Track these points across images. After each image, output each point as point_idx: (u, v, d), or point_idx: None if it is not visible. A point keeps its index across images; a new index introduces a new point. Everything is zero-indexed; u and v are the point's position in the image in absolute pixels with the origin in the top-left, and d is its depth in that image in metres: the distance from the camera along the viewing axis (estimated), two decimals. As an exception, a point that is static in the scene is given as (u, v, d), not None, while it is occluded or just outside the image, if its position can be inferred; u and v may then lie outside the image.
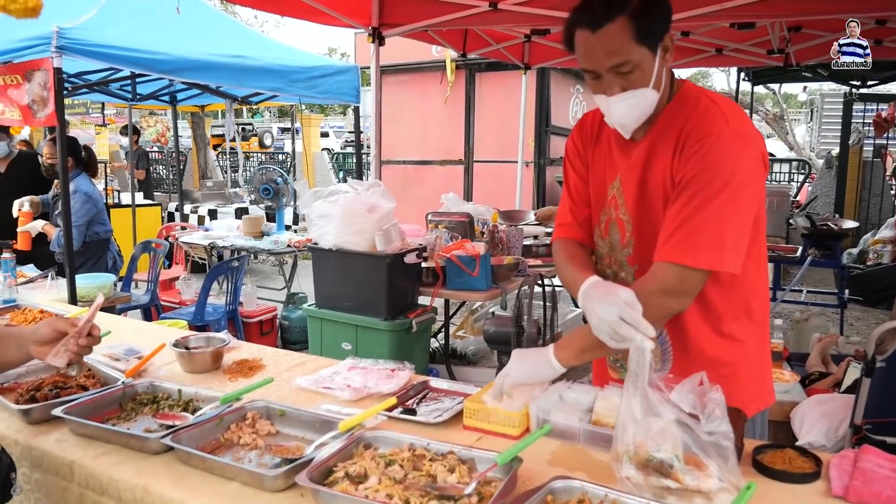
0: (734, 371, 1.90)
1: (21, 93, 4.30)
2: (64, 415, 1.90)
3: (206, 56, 4.96)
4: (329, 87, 5.84)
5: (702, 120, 1.73)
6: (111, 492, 1.72)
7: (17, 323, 2.93)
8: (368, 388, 2.16)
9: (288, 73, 5.49)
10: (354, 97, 6.15)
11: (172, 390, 2.12)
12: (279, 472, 1.59)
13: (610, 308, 1.60)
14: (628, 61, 1.68)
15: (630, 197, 1.87)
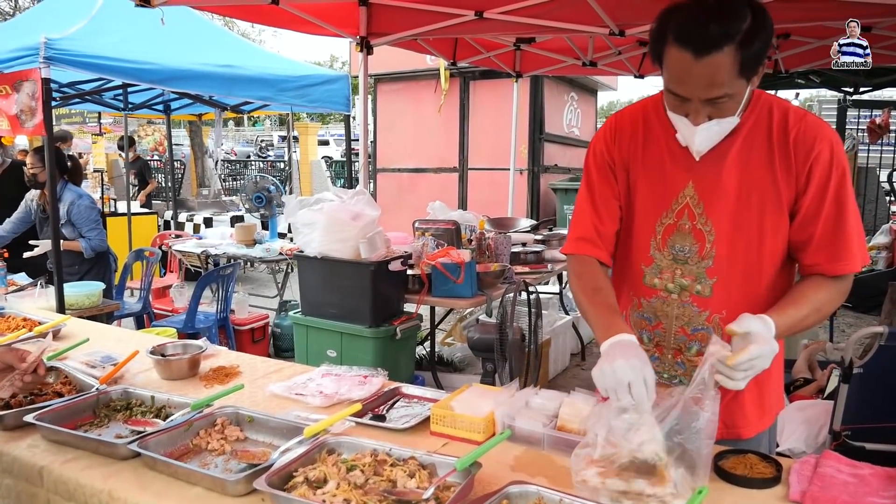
0: (769, 379, 1.87)
1: (10, 103, 4.35)
2: (35, 421, 1.93)
3: (195, 66, 5.01)
4: (320, 96, 5.89)
5: (802, 126, 1.70)
6: (78, 497, 1.74)
7: (0, 330, 2.96)
8: (340, 395, 2.18)
9: (277, 83, 5.54)
10: (345, 106, 6.20)
11: (146, 397, 2.15)
12: (240, 477, 1.61)
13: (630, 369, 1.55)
14: (728, 95, 1.59)
15: (713, 206, 1.77)
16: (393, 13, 4.79)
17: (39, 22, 5.43)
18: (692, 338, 1.85)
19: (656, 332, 1.90)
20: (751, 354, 1.52)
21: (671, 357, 1.90)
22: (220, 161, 15.82)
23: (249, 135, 37.67)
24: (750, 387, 1.63)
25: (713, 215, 1.77)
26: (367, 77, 5.16)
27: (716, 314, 1.81)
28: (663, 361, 1.91)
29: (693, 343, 1.85)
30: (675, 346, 1.88)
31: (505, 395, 2.00)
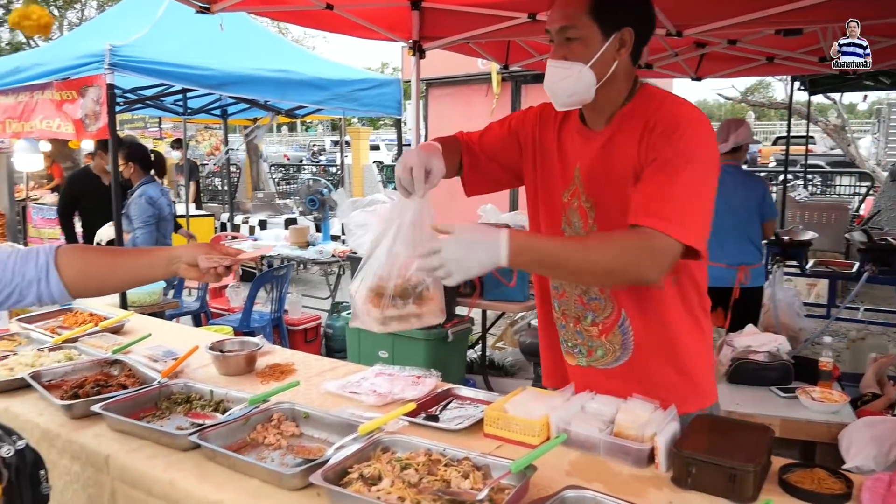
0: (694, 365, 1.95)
1: (75, 108, 4.52)
2: (102, 411, 1.99)
3: (250, 71, 5.12)
4: (371, 100, 5.95)
5: (671, 111, 1.78)
6: (141, 485, 1.80)
7: (69, 325, 3.08)
8: (393, 394, 2.19)
9: (330, 87, 5.62)
10: (396, 110, 6.25)
11: (205, 391, 2.20)
12: (297, 471, 1.63)
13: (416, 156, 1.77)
14: (574, 28, 1.76)
15: (590, 185, 1.90)
16: (445, 17, 4.79)
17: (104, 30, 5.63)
18: (587, 307, 1.97)
19: (562, 301, 2.04)
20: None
21: (572, 326, 2.02)
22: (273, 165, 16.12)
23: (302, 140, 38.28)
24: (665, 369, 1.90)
25: (589, 193, 1.90)
26: (420, 81, 5.18)
27: None
28: (567, 330, 2.05)
29: (588, 312, 1.97)
30: (574, 314, 2.01)
31: (560, 399, 1.98)
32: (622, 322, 1.93)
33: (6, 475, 1.58)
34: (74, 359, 2.55)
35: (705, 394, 2.00)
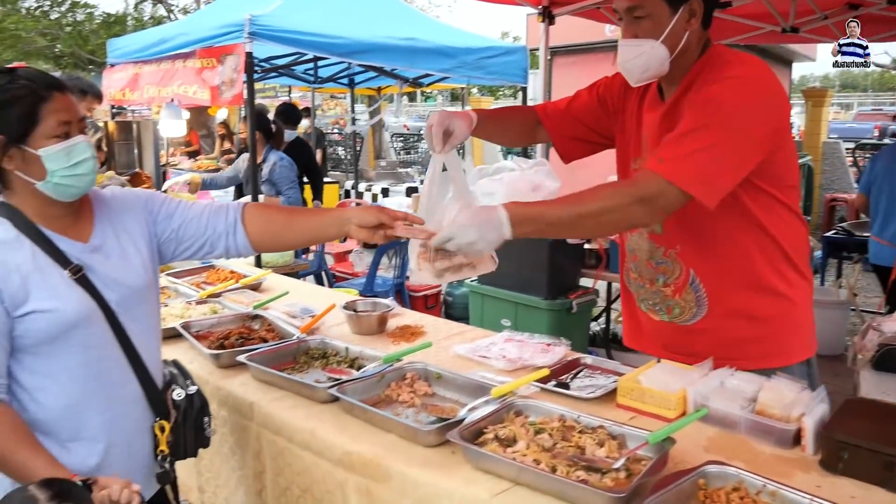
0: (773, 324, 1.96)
1: (213, 74, 4.73)
2: (247, 361, 2.11)
3: (380, 39, 5.18)
4: (497, 69, 5.89)
5: (715, 66, 1.82)
6: (284, 432, 1.89)
7: (212, 281, 3.27)
8: (523, 360, 2.19)
9: (457, 55, 5.60)
10: (522, 78, 6.16)
11: (340, 348, 2.28)
12: (433, 429, 1.67)
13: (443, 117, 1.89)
14: (641, 7, 1.78)
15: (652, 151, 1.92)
16: (577, -19, 4.68)
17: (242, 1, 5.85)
18: (657, 270, 2.04)
19: (636, 264, 2.12)
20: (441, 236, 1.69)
21: (648, 286, 2.08)
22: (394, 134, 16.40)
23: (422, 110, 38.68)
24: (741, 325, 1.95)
25: None
26: (549, 48, 5.09)
27: (671, 249, 1.99)
28: (645, 290, 2.10)
29: (658, 275, 2.04)
30: (648, 277, 2.08)
31: (697, 373, 1.91)
32: (692, 281, 1.98)
33: (174, 415, 1.71)
34: (218, 312, 2.71)
35: (791, 350, 1.99)
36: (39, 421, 1.55)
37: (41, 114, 1.50)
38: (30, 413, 1.54)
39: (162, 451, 1.69)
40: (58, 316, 1.52)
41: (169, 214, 1.80)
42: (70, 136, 1.53)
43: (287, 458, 1.90)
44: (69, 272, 1.56)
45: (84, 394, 1.58)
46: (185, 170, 9.50)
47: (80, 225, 1.64)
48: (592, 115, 2.15)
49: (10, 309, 1.49)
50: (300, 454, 1.85)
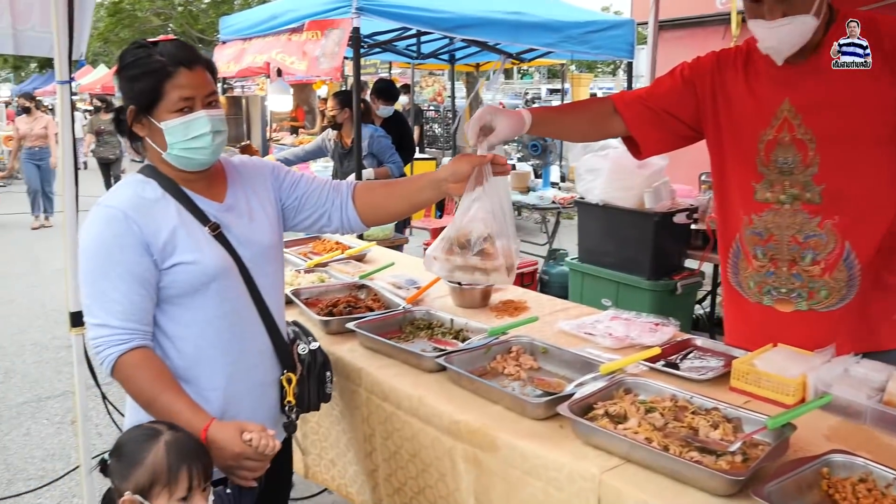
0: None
1: (315, 46, 4.80)
2: (356, 328, 2.17)
3: (485, 13, 5.14)
4: (603, 43, 5.74)
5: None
6: (392, 398, 1.94)
7: (318, 251, 3.37)
8: (631, 339, 2.15)
9: (562, 29, 5.49)
10: (628, 52, 5.98)
11: (445, 319, 2.30)
12: (541, 402, 1.66)
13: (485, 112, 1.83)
14: None
15: (809, 116, 1.84)
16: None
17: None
18: (805, 245, 1.92)
19: (769, 246, 1.97)
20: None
21: (786, 270, 1.95)
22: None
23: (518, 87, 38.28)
24: (877, 296, 1.89)
25: (812, 124, 1.84)
26: (658, 21, 4.91)
27: (828, 220, 1.88)
28: (779, 276, 1.97)
29: (807, 251, 1.92)
30: (788, 257, 1.94)
31: (818, 359, 1.82)
32: (846, 256, 1.88)
33: (300, 369, 1.79)
34: (325, 281, 2.78)
35: None
36: (179, 368, 1.64)
37: (165, 89, 1.58)
38: (172, 360, 1.65)
39: (289, 401, 1.76)
40: (199, 268, 1.62)
41: (293, 183, 1.89)
42: (192, 111, 1.60)
43: (395, 424, 1.94)
44: (209, 229, 1.66)
45: (219, 344, 1.67)
46: (287, 145, 9.80)
47: (214, 187, 1.74)
48: (680, 101, 2.04)
49: (159, 262, 1.59)
50: (408, 420, 1.89)
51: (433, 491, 1.88)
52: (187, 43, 1.64)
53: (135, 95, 1.61)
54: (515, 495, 1.62)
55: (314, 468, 2.47)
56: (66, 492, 3.36)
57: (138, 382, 1.55)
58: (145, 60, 1.58)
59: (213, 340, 1.66)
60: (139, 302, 1.57)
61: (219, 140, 1.65)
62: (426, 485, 1.90)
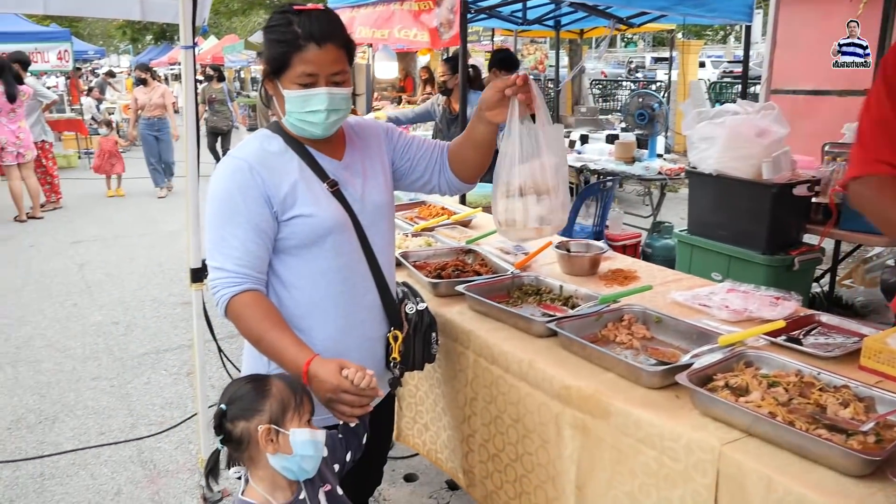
0: None
1: (431, 17, 4.81)
2: (465, 291, 2.18)
3: (598, -25, 4.98)
4: (719, 5, 5.45)
5: None
6: (500, 362, 1.94)
7: (423, 216, 3.40)
8: (749, 312, 2.06)
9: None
10: (747, 16, 5.66)
11: (554, 285, 2.28)
12: (658, 370, 1.62)
13: None
14: None
15: None
16: None
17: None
18: None
19: None
20: None
21: None
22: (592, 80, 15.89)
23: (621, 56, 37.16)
24: None
25: None
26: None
27: None
28: None
29: None
30: None
31: None
32: None
33: (406, 327, 1.82)
34: (432, 245, 2.81)
35: None
36: (294, 317, 1.71)
37: (292, 61, 1.62)
38: (287, 309, 1.72)
39: (394, 358, 1.81)
40: (317, 221, 1.67)
41: (406, 145, 1.93)
42: (314, 87, 1.63)
43: (501, 388, 1.95)
44: (327, 185, 1.72)
45: (331, 296, 1.73)
46: (389, 113, 9.91)
47: (334, 145, 1.79)
48: None
49: (279, 213, 1.66)
50: (515, 384, 1.89)
51: (532, 458, 1.89)
52: (333, 16, 1.66)
53: (268, 58, 1.67)
54: (625, 464, 1.60)
55: (406, 431, 2.53)
56: (182, 438, 3.57)
57: (248, 320, 1.62)
58: (282, 29, 1.63)
59: (325, 292, 1.72)
60: (255, 250, 1.65)
61: (334, 118, 1.69)
62: (525, 451, 1.91)
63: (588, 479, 1.69)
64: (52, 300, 5.66)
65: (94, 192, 10.21)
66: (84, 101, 15.01)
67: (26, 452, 3.44)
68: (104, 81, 19.28)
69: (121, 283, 6.12)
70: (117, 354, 4.61)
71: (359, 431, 1.66)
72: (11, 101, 7.93)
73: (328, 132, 1.72)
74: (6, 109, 7.92)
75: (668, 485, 1.51)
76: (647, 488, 1.56)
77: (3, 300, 5.65)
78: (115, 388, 4.12)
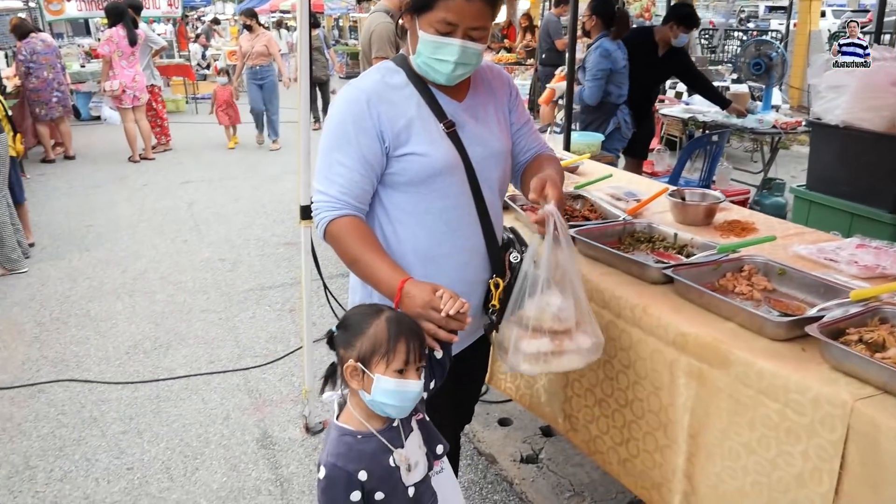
0: None
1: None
2: (576, 235, 2.13)
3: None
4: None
5: None
6: (612, 306, 1.90)
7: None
8: (882, 268, 1.94)
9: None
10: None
11: (668, 233, 2.20)
12: (783, 321, 1.55)
13: None
14: None
15: None
16: None
17: None
18: None
19: None
20: None
21: None
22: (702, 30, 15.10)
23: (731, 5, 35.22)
24: None
25: None
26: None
27: None
28: None
29: None
30: None
31: None
32: None
33: (508, 276, 1.79)
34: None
35: None
36: (394, 252, 1.73)
37: (436, 5, 1.59)
38: (389, 245, 1.73)
39: (493, 305, 1.77)
40: (429, 161, 1.66)
41: (521, 112, 1.93)
42: (450, 36, 1.61)
43: (612, 333, 1.91)
44: (444, 126, 1.69)
45: (435, 236, 1.73)
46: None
47: (456, 86, 1.75)
48: None
49: (391, 149, 1.67)
50: (627, 329, 1.85)
51: (643, 405, 1.85)
52: None
53: None
54: (743, 415, 1.55)
55: (498, 375, 2.53)
56: (286, 371, 3.71)
57: (345, 242, 1.65)
58: None
59: (430, 231, 1.72)
60: (359, 181, 1.66)
61: (461, 72, 1.67)
62: (635, 398, 1.87)
63: (702, 428, 1.65)
64: (164, 236, 5.96)
65: (202, 135, 10.61)
66: (192, 47, 15.49)
67: (143, 376, 3.67)
68: (209, 28, 19.84)
69: (227, 222, 6.37)
70: (224, 289, 4.83)
71: (444, 362, 1.64)
72: (132, 44, 8.28)
73: (451, 83, 1.71)
74: (126, 53, 8.28)
75: (791, 438, 1.45)
76: (766, 441, 1.50)
77: (120, 235, 6.00)
78: (223, 321, 4.32)
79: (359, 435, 1.47)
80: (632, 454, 1.90)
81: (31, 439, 3.13)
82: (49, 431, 3.19)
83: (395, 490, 1.48)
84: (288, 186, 7.59)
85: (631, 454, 1.90)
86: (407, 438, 1.51)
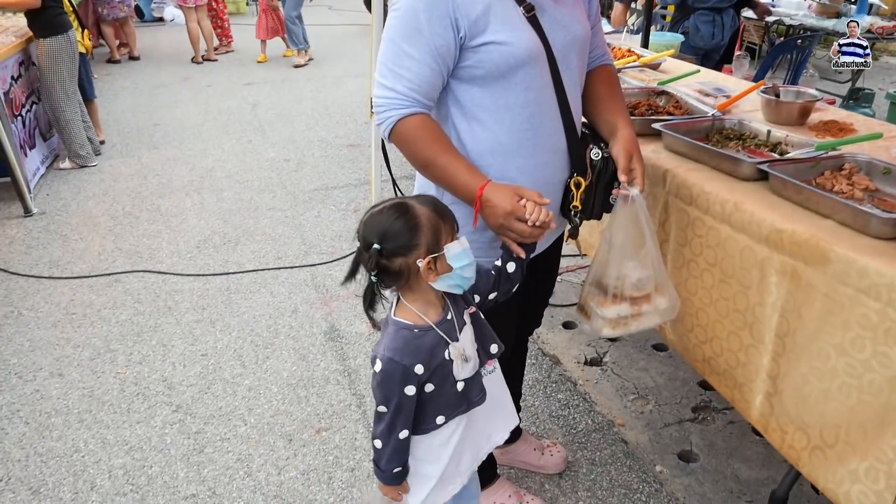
0: None
1: None
2: (663, 129, 2.03)
3: None
4: None
5: None
6: (699, 203, 1.82)
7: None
8: None
9: None
10: None
11: (761, 130, 2.08)
12: (892, 217, 1.45)
13: None
14: None
15: None
16: None
17: None
18: None
19: None
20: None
21: None
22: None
23: None
24: None
25: None
26: None
27: None
28: None
29: None
30: None
31: None
32: None
33: (590, 174, 1.70)
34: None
35: None
36: (471, 153, 1.63)
37: None
38: (464, 146, 1.64)
39: (574, 206, 1.70)
40: (510, 50, 1.54)
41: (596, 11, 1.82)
42: None
43: (698, 230, 1.84)
44: (523, 9, 1.57)
45: (515, 134, 1.62)
46: None
47: None
48: None
49: (467, 38, 1.54)
50: (716, 226, 1.78)
51: (728, 304, 1.79)
52: None
53: None
54: (838, 315, 1.48)
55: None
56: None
57: (417, 144, 1.56)
58: None
59: (509, 129, 1.61)
60: (429, 76, 1.55)
61: None
62: (721, 297, 1.81)
63: (791, 328, 1.59)
64: (229, 136, 6.00)
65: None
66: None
67: (213, 269, 3.76)
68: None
69: (290, 123, 6.37)
70: (290, 189, 4.87)
71: (513, 278, 1.59)
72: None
73: None
74: (187, -49, 8.16)
75: (890, 339, 1.38)
76: (861, 341, 1.44)
77: (187, 134, 6.07)
78: (289, 219, 4.38)
79: (416, 329, 1.44)
80: (715, 353, 1.86)
81: (111, 325, 3.27)
82: (127, 318, 3.32)
83: (445, 383, 1.47)
84: (350, 89, 7.50)
85: (715, 353, 1.86)
86: (461, 332, 1.49)
